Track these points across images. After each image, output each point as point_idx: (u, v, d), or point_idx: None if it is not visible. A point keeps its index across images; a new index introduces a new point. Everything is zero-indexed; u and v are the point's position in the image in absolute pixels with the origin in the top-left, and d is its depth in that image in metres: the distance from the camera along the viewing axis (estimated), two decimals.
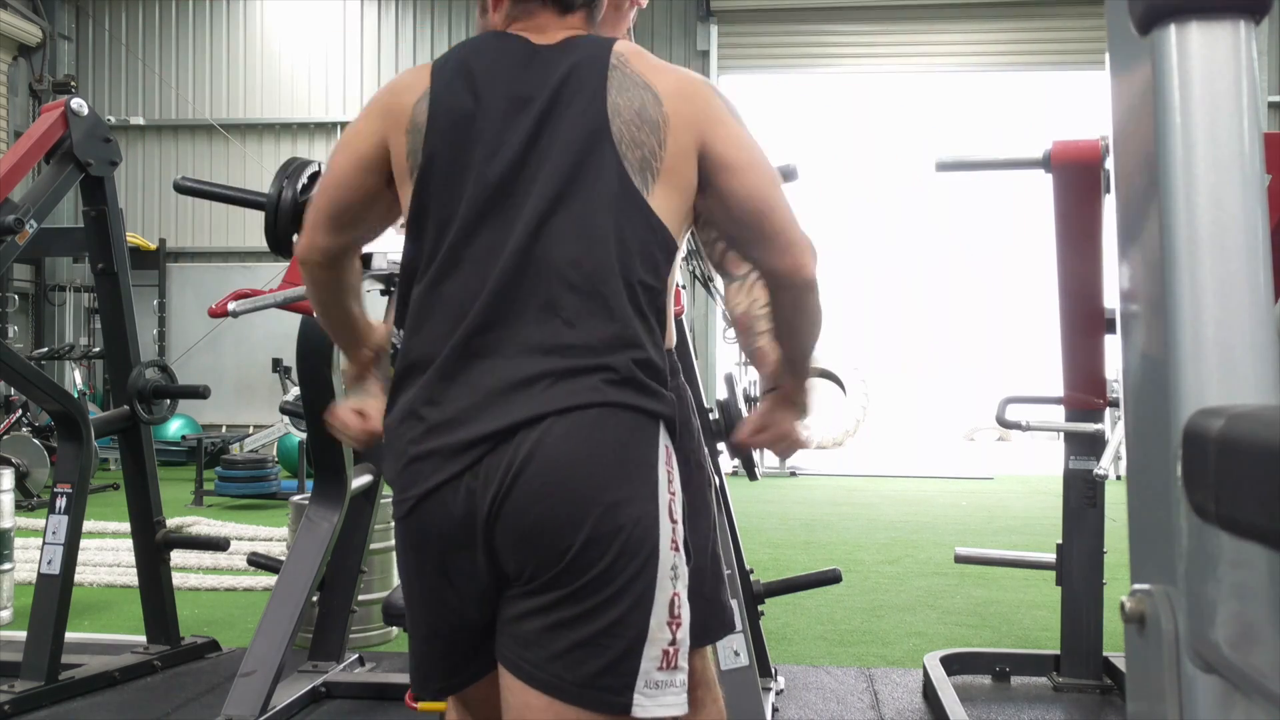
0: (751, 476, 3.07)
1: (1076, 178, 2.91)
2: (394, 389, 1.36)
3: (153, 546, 3.59)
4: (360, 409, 1.58)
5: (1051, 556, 3.35)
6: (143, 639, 3.65)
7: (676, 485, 1.31)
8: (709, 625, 1.76)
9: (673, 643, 1.27)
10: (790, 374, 1.54)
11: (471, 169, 1.33)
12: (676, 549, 1.28)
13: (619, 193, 1.31)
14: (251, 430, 10.38)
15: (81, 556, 3.57)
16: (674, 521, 1.29)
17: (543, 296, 1.28)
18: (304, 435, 6.64)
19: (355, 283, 1.57)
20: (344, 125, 9.54)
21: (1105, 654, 3.31)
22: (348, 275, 1.55)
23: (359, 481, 3.19)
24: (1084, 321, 3.10)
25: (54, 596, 3.19)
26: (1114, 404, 3.46)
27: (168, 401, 3.65)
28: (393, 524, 1.39)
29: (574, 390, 1.25)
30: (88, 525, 4.04)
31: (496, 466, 1.24)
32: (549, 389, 1.25)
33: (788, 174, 2.80)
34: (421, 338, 1.33)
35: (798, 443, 1.58)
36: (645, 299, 1.32)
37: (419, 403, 1.30)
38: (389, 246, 2.53)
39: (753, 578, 3.06)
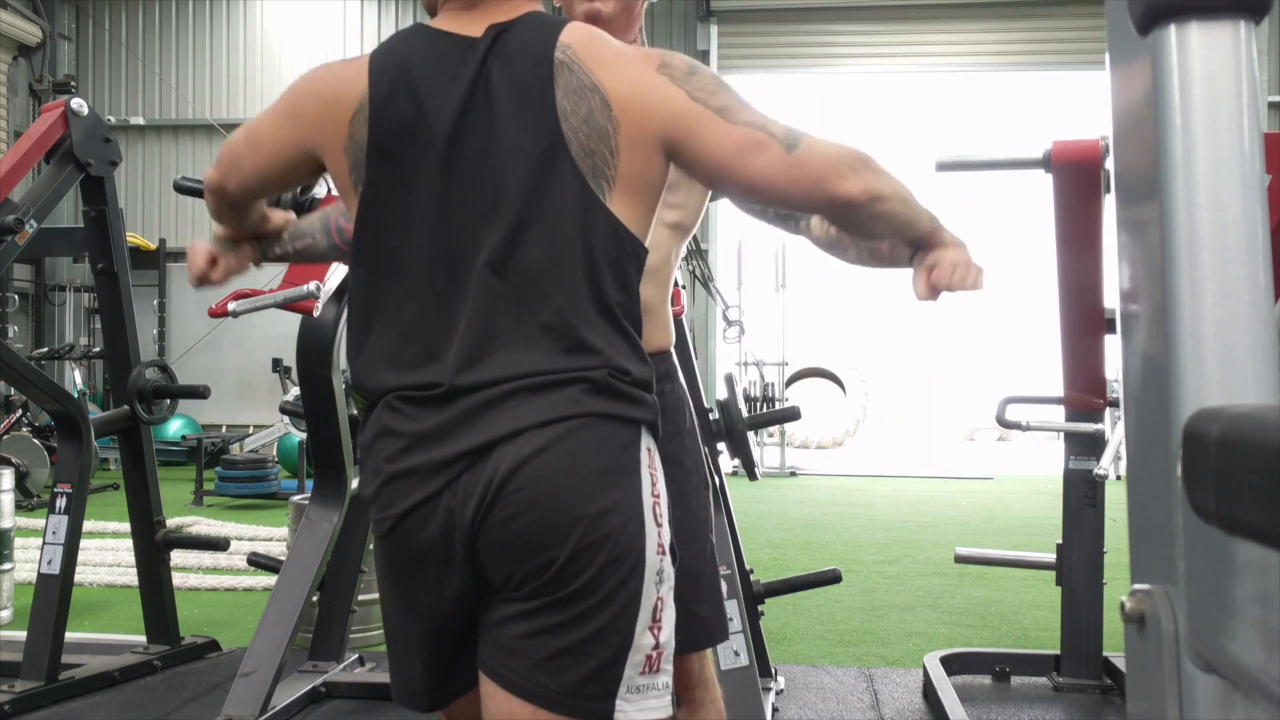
0: (751, 476, 3.07)
1: (1076, 178, 2.91)
2: (364, 416, 1.34)
3: (153, 546, 3.59)
4: (216, 255, 1.58)
5: (1051, 556, 3.35)
6: (143, 639, 3.65)
7: (660, 487, 1.29)
8: (701, 633, 1.75)
9: (656, 647, 1.26)
10: (918, 239, 1.36)
11: (420, 193, 1.27)
12: (662, 552, 1.27)
13: (583, 209, 1.24)
14: (251, 430, 10.37)
15: (81, 556, 3.57)
16: (659, 525, 1.27)
17: (518, 337, 1.24)
18: (304, 435, 6.63)
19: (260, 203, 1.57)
20: None
21: (1105, 654, 3.31)
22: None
23: (359, 481, 3.19)
24: (1084, 321, 3.10)
25: (54, 596, 3.19)
26: (1114, 404, 3.46)
27: (168, 401, 3.65)
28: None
29: (552, 403, 1.22)
30: (88, 525, 4.05)
31: (476, 482, 1.21)
32: (525, 401, 1.22)
33: None
34: (383, 369, 1.29)
35: (974, 268, 1.33)
36: (622, 313, 1.28)
37: (394, 421, 1.27)
38: None
39: (753, 578, 3.06)
